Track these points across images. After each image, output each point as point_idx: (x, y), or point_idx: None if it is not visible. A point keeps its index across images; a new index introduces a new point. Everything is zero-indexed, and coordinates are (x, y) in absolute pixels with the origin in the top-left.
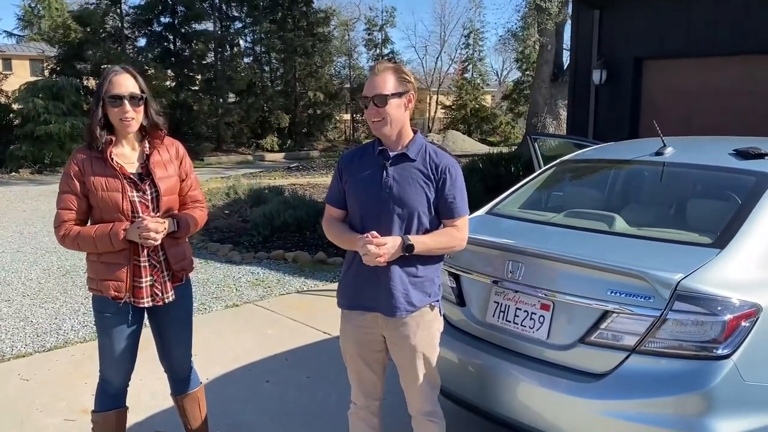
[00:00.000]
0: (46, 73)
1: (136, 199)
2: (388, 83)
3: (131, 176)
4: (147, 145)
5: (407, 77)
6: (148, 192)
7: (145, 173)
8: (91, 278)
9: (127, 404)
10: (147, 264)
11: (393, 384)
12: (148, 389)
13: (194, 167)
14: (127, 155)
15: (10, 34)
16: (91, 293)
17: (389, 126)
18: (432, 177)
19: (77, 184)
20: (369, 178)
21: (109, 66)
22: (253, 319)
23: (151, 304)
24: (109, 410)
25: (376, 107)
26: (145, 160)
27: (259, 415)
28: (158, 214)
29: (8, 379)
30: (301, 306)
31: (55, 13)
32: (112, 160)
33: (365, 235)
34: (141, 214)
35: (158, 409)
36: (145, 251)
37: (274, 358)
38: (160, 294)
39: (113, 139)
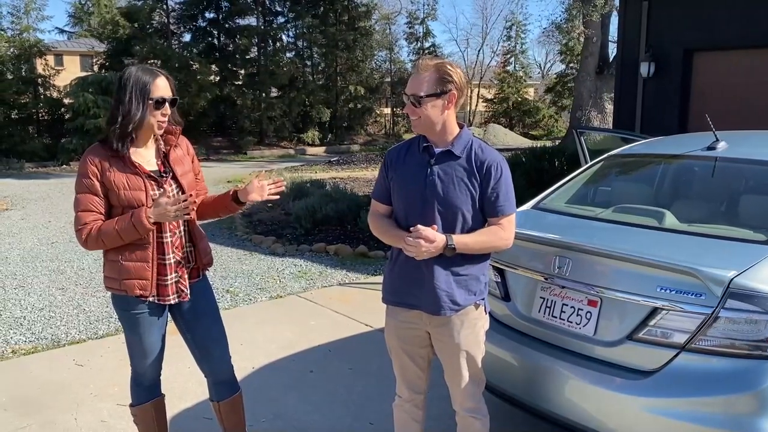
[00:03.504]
0: (96, 68)
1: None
2: (427, 83)
3: (151, 174)
4: (161, 142)
5: (450, 76)
6: (169, 189)
7: (164, 170)
8: (111, 278)
9: (163, 392)
10: (173, 261)
11: (439, 377)
12: (196, 377)
13: (238, 160)
14: (141, 153)
15: (61, 31)
16: (111, 293)
17: (423, 125)
18: (476, 174)
19: (96, 184)
20: (413, 175)
21: (134, 65)
22: (296, 310)
23: (177, 300)
24: (146, 402)
25: (413, 106)
26: (163, 158)
27: (303, 404)
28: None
29: (64, 364)
30: (343, 298)
31: (104, 9)
32: (131, 159)
33: (412, 229)
34: None
35: (206, 397)
36: (170, 249)
37: (316, 348)
38: (185, 290)
39: (133, 138)
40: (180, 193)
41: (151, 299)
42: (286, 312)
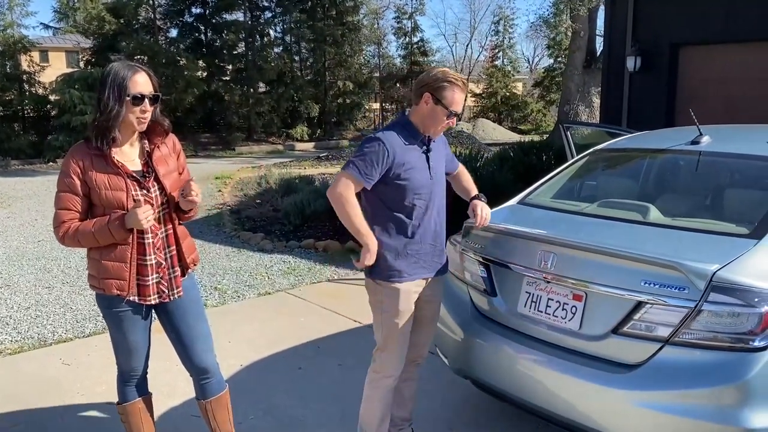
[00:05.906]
0: (82, 64)
1: (141, 197)
2: None
3: (133, 174)
4: (146, 141)
5: None
6: (152, 189)
7: (147, 170)
8: (92, 276)
9: (150, 390)
10: (153, 262)
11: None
12: (184, 375)
13: (226, 156)
14: (125, 153)
15: (46, 27)
16: (94, 291)
17: None
18: (445, 147)
19: (78, 183)
20: (420, 166)
21: (118, 61)
22: (285, 306)
23: (157, 301)
24: (133, 400)
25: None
26: (146, 157)
27: (293, 400)
28: (167, 210)
29: (50, 363)
30: (332, 294)
31: (89, 4)
32: (113, 159)
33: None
34: None
35: (194, 395)
36: (151, 250)
37: (306, 345)
38: (166, 291)
39: (115, 136)
40: (162, 193)
41: (131, 298)
42: (274, 309)
